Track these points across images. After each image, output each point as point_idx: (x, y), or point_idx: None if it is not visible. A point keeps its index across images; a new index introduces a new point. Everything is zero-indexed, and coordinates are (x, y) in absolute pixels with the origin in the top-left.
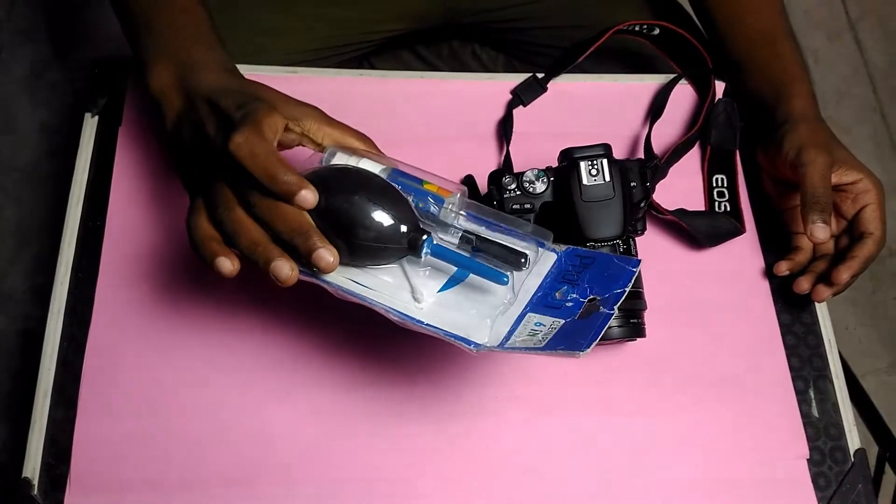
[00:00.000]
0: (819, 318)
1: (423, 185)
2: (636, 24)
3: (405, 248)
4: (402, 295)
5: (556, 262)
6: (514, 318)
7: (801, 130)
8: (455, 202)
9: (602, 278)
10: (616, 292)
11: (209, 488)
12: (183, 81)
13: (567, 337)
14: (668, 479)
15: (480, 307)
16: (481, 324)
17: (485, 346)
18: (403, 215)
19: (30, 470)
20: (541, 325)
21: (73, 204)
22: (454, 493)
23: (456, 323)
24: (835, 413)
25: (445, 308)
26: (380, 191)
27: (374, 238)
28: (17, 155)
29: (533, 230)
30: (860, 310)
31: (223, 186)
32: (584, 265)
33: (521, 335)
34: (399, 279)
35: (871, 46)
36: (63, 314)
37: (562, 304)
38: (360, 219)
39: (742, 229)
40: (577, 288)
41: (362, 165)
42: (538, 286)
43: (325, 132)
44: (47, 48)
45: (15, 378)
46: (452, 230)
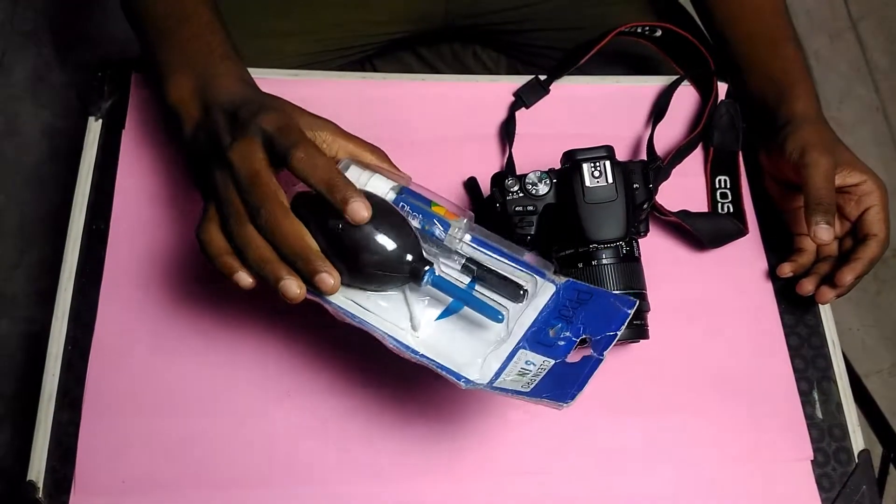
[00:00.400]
0: (822, 319)
1: (432, 206)
2: (638, 26)
3: (407, 276)
4: (401, 322)
5: (555, 295)
6: (507, 355)
7: (804, 131)
8: (462, 227)
9: (597, 317)
10: (608, 335)
11: (214, 491)
12: (201, 93)
13: (554, 382)
14: (671, 481)
15: (476, 341)
16: (474, 359)
17: (474, 384)
18: (408, 243)
19: (34, 473)
20: (531, 365)
21: (77, 208)
22: (457, 494)
23: (450, 355)
24: (839, 414)
25: (441, 339)
26: (386, 217)
27: (377, 264)
28: (20, 158)
29: (535, 260)
30: (864, 311)
31: (235, 199)
32: (581, 301)
33: (511, 374)
34: (399, 305)
35: (872, 46)
36: (67, 318)
37: (554, 343)
38: (365, 245)
39: (745, 230)
40: (570, 326)
41: (374, 181)
42: (533, 321)
43: (340, 145)
44: (50, 51)
45: (19, 381)
46: (455, 256)
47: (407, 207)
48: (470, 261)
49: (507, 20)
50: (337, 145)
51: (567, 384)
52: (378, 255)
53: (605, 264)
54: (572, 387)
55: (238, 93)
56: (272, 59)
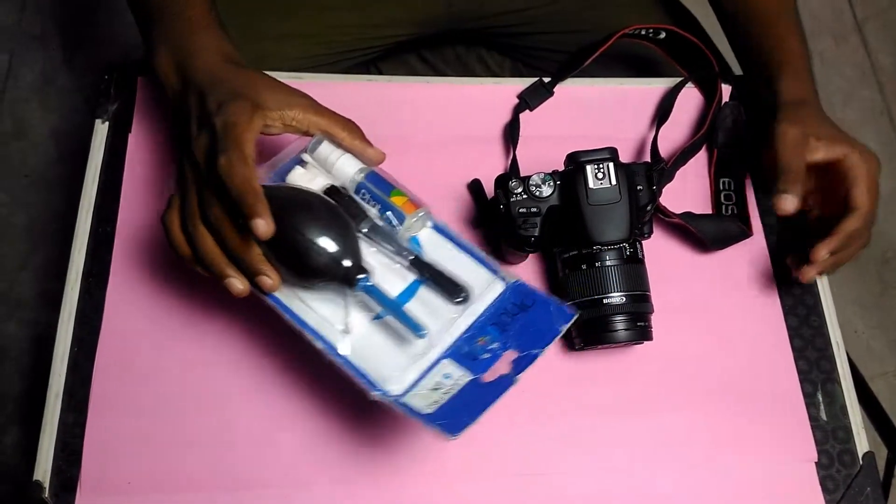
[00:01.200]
0: (827, 320)
1: (391, 195)
2: (642, 28)
3: (341, 281)
4: (337, 323)
5: (501, 296)
6: (428, 365)
7: (783, 114)
8: (418, 219)
9: (531, 329)
10: (533, 353)
11: (219, 491)
12: (180, 66)
13: (455, 406)
14: (675, 482)
15: (405, 349)
16: (398, 368)
17: (384, 394)
18: (345, 250)
19: (41, 473)
20: (448, 378)
21: (84, 210)
22: (458, 494)
23: (377, 362)
24: (843, 416)
25: (372, 343)
26: (328, 222)
27: (312, 269)
28: (27, 160)
29: (488, 258)
30: (869, 313)
31: (192, 195)
32: (524, 307)
33: (425, 388)
34: (338, 307)
35: (877, 48)
36: (74, 319)
37: (479, 355)
38: (303, 250)
39: (749, 232)
40: (503, 335)
41: (342, 161)
42: (470, 325)
43: (311, 121)
44: (58, 54)
45: (26, 382)
46: (405, 253)
47: (368, 195)
48: (416, 260)
49: (510, 23)
50: (308, 122)
51: (465, 412)
52: (314, 261)
53: (608, 266)
54: (467, 416)
55: (215, 71)
56: (276, 62)
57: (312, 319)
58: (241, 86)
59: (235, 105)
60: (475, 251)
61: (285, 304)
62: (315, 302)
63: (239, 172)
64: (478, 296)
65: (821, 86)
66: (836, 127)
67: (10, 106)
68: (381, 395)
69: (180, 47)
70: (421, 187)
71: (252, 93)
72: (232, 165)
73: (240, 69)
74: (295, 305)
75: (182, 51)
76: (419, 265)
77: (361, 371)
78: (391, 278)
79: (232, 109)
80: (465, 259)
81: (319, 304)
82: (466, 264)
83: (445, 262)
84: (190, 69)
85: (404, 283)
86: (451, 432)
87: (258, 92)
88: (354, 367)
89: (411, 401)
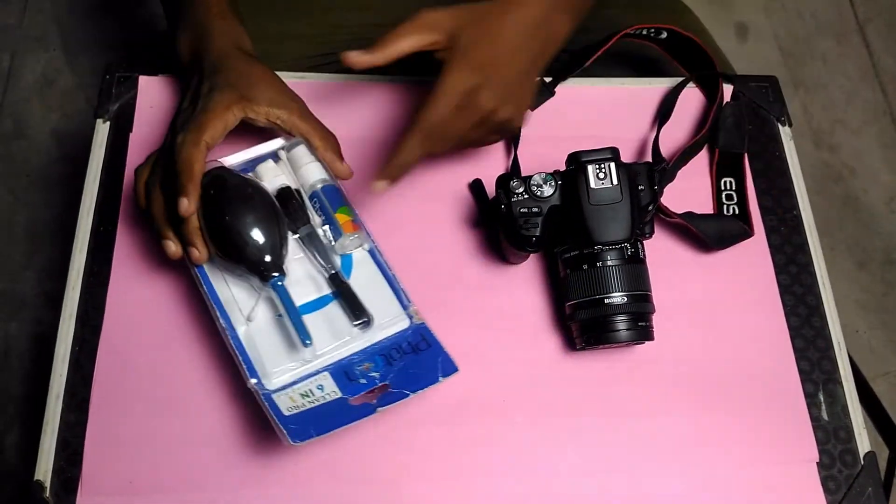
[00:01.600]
0: (828, 321)
1: (337, 211)
2: (644, 28)
3: (257, 273)
4: (242, 310)
5: (402, 332)
6: (307, 372)
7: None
8: (351, 242)
9: (414, 371)
10: (403, 392)
11: (221, 491)
12: (195, 49)
13: (314, 417)
14: (676, 483)
15: (288, 355)
16: (276, 369)
17: (259, 386)
18: (269, 247)
19: (42, 472)
20: (321, 390)
21: (85, 209)
22: (463, 494)
23: (266, 353)
24: (844, 416)
25: (268, 336)
26: (261, 216)
27: (236, 255)
28: (28, 160)
29: (405, 295)
30: (870, 313)
31: (162, 157)
32: (417, 349)
33: (297, 392)
34: (252, 297)
35: (879, 48)
36: (75, 319)
37: (357, 379)
38: (233, 235)
39: (750, 232)
40: (386, 368)
41: (308, 167)
42: (362, 349)
43: (295, 124)
44: (59, 55)
45: (27, 381)
46: (329, 266)
47: (318, 205)
48: (334, 276)
49: None
50: (291, 123)
51: (316, 425)
52: (236, 246)
53: (609, 266)
54: (315, 429)
55: (222, 58)
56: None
57: (224, 298)
58: (238, 77)
59: (220, 94)
60: (397, 284)
61: (208, 279)
62: (235, 287)
63: (185, 152)
64: (380, 325)
65: (823, 86)
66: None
67: (11, 106)
68: (255, 385)
69: (197, 32)
70: (422, 187)
71: (245, 85)
72: (183, 144)
73: (245, 60)
74: (216, 283)
75: (198, 36)
76: (336, 281)
77: (248, 357)
78: (308, 286)
79: (215, 97)
80: (385, 289)
81: (238, 289)
82: (384, 294)
83: (365, 286)
84: (202, 51)
85: (318, 293)
86: (294, 438)
87: (251, 86)
88: (244, 351)
89: (278, 398)
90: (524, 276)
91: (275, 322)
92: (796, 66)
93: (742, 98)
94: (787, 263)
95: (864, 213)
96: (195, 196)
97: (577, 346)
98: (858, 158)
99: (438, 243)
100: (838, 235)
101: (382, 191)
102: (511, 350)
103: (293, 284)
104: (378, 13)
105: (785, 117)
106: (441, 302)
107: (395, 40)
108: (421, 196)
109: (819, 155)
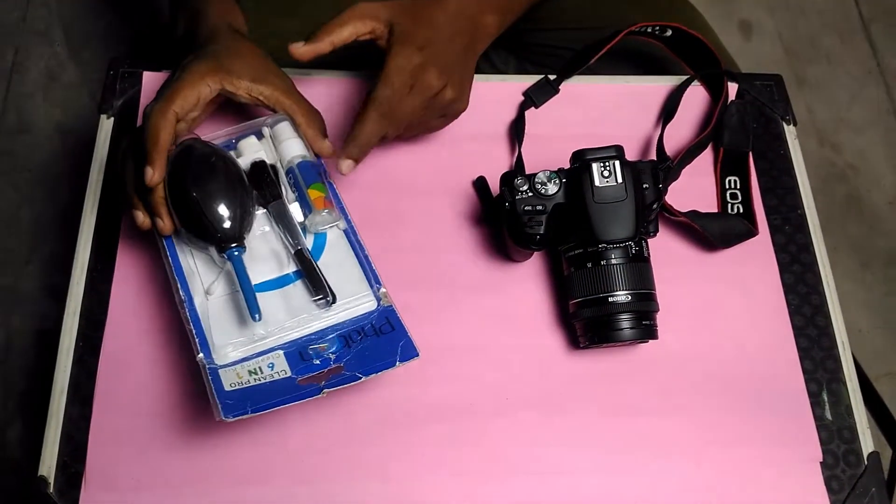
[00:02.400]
0: (832, 320)
1: (310, 187)
2: (648, 26)
3: (214, 242)
4: (203, 283)
5: (368, 314)
6: (259, 350)
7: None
8: (321, 219)
9: (370, 354)
10: (356, 376)
11: (223, 486)
12: (189, 26)
13: (251, 395)
14: (680, 481)
15: (242, 331)
16: (228, 344)
17: (207, 360)
18: (230, 216)
19: (45, 468)
20: (270, 368)
21: (89, 205)
22: (466, 492)
23: (219, 327)
24: (848, 416)
25: (220, 314)
26: (223, 187)
27: (192, 223)
28: (32, 155)
29: (375, 278)
30: (874, 313)
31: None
32: (380, 332)
33: (245, 368)
34: (213, 272)
35: (884, 47)
36: (79, 314)
37: (310, 359)
38: (190, 202)
39: (755, 231)
40: (343, 351)
41: (288, 143)
42: (322, 329)
43: (278, 100)
44: (63, 50)
45: (30, 377)
46: (295, 242)
47: (292, 181)
48: (299, 252)
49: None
50: (274, 99)
51: (253, 402)
52: (194, 215)
53: (614, 264)
54: (251, 406)
55: (212, 34)
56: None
57: (186, 271)
58: (222, 51)
59: (197, 64)
60: (369, 266)
61: (174, 250)
62: (199, 260)
63: (154, 121)
64: (345, 306)
65: (827, 85)
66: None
67: (15, 101)
68: (202, 359)
69: (193, 15)
70: (426, 184)
71: (226, 59)
72: (152, 113)
73: (233, 36)
74: (182, 255)
75: (193, 17)
76: (300, 258)
77: (202, 331)
78: (272, 262)
79: (190, 68)
80: (355, 269)
81: (202, 263)
82: (353, 274)
83: (336, 266)
84: (196, 28)
85: (281, 271)
86: (227, 414)
87: (233, 60)
88: (198, 324)
89: (223, 373)
90: (528, 274)
91: (230, 298)
92: (800, 65)
93: (747, 97)
94: (791, 262)
95: (868, 212)
96: (161, 165)
97: (581, 344)
98: (862, 157)
99: (442, 240)
100: (841, 235)
101: (349, 171)
102: (514, 348)
103: (258, 260)
104: None
105: (790, 116)
106: (445, 299)
107: (334, 29)
108: (425, 193)
109: (823, 154)
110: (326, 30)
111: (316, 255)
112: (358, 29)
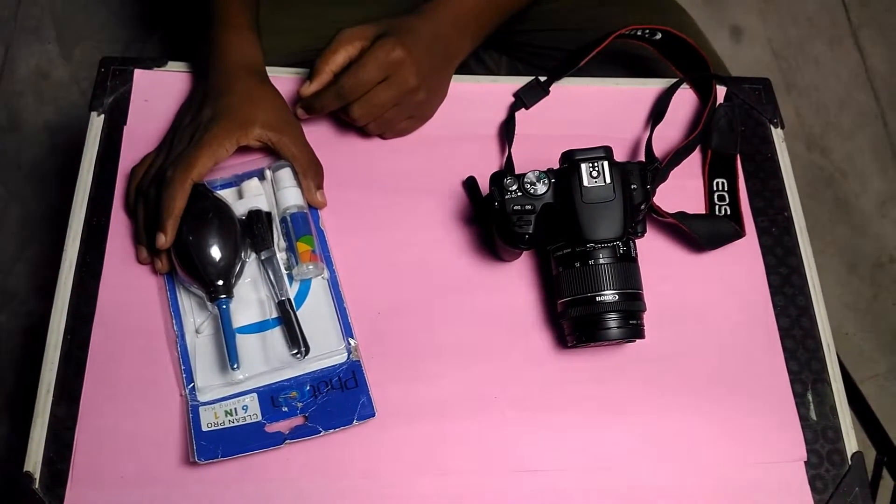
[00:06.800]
0: (818, 321)
1: (299, 240)
2: (639, 29)
3: (206, 291)
4: (195, 322)
5: (337, 366)
6: (237, 391)
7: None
8: (307, 271)
9: (332, 409)
10: (316, 429)
11: (211, 484)
12: (205, 59)
13: (225, 438)
14: (666, 481)
15: (223, 373)
16: (210, 384)
17: (191, 397)
18: (222, 270)
19: (31, 464)
20: (245, 410)
21: (78, 202)
22: (454, 492)
23: (202, 369)
24: (833, 416)
25: (206, 353)
26: (220, 243)
27: (192, 272)
28: (22, 153)
29: (348, 330)
30: (860, 316)
31: (154, 167)
32: (345, 386)
33: (222, 408)
34: (205, 312)
35: (872, 53)
36: (67, 310)
37: (280, 406)
38: (190, 252)
39: (742, 233)
40: (309, 401)
41: (287, 192)
42: (295, 377)
43: (284, 148)
44: (53, 47)
45: (18, 374)
46: (280, 293)
47: (284, 231)
48: (282, 303)
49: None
50: (280, 146)
51: (224, 446)
52: (193, 266)
53: (601, 264)
54: (222, 450)
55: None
56: (275, 56)
57: (183, 307)
58: (237, 103)
59: (219, 127)
60: (346, 318)
61: (173, 284)
62: (193, 298)
63: (171, 189)
64: (317, 356)
65: (816, 90)
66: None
67: (5, 98)
68: (187, 394)
69: (211, 46)
70: (416, 184)
71: (241, 110)
72: (172, 181)
73: (251, 81)
74: (179, 290)
75: (211, 49)
76: (282, 309)
77: (189, 367)
78: (256, 307)
79: (212, 130)
80: (332, 320)
81: (194, 302)
82: (329, 325)
83: (314, 314)
84: (212, 66)
85: (264, 316)
86: (200, 456)
87: (247, 109)
88: (187, 360)
89: (203, 412)
90: (517, 274)
91: (216, 338)
92: (789, 70)
93: (735, 100)
94: (777, 264)
95: (855, 216)
96: (172, 233)
97: (569, 343)
98: (850, 162)
99: (432, 240)
100: (829, 238)
101: (302, 116)
102: (503, 347)
103: (244, 302)
104: (372, 9)
105: (777, 119)
106: (433, 298)
107: (329, 58)
108: (415, 193)
109: (811, 158)
110: (322, 61)
111: (299, 301)
112: (349, 52)
